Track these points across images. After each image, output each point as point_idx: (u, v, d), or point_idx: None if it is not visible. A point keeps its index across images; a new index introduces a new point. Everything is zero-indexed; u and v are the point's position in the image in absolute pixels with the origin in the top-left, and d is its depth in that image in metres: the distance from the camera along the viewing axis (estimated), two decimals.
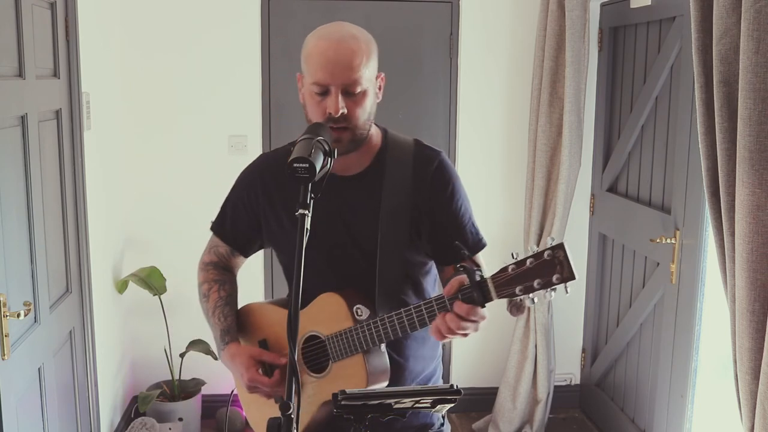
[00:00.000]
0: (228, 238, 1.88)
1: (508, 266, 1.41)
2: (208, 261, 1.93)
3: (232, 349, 1.79)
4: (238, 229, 1.86)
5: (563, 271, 1.35)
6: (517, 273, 1.40)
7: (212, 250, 1.92)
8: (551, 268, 1.36)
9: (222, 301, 1.87)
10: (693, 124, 2.82)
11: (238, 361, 1.75)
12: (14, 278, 2.28)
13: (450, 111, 3.85)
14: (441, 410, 1.51)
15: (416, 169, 1.73)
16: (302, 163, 1.40)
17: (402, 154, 1.75)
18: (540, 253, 1.37)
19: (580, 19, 3.37)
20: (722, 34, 1.94)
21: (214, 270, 1.91)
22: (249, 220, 1.83)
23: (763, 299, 1.87)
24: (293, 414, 1.26)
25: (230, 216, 1.86)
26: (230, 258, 1.91)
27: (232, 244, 1.89)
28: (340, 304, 1.67)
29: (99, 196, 3.24)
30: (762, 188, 1.83)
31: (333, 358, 1.69)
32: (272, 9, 3.69)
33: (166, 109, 3.70)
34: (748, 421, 1.96)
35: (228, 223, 1.87)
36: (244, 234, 1.86)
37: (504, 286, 1.42)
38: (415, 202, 1.72)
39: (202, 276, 1.92)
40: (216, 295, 1.87)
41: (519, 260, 1.40)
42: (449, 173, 1.76)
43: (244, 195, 1.83)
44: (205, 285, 1.90)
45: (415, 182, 1.72)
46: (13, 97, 2.30)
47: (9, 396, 2.18)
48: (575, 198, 3.61)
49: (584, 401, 4.06)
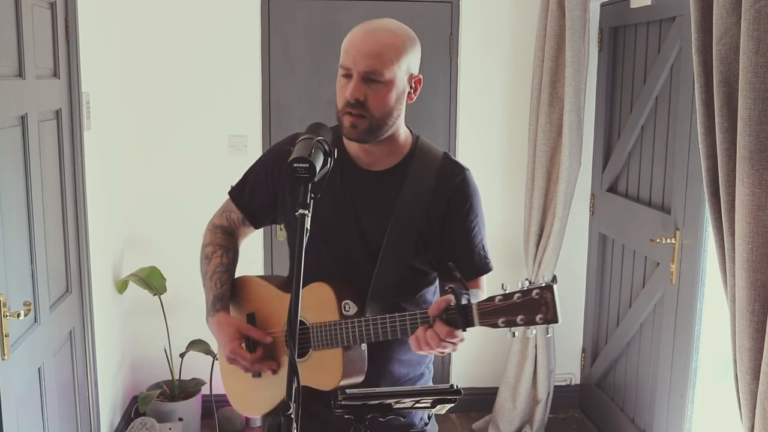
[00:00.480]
0: (243, 206, 1.88)
1: (495, 297, 1.44)
2: (218, 224, 1.92)
3: (220, 318, 1.80)
4: (255, 199, 1.86)
5: (548, 312, 1.40)
6: (503, 305, 1.43)
7: (225, 214, 1.92)
8: (537, 307, 1.40)
9: (222, 267, 1.87)
10: (693, 124, 2.82)
11: (225, 331, 1.77)
12: (14, 278, 2.27)
13: (450, 111, 3.85)
14: (441, 410, 1.52)
15: (438, 181, 1.74)
16: (302, 163, 1.40)
17: (428, 163, 1.76)
18: (528, 291, 1.41)
19: (580, 19, 3.37)
20: (722, 34, 1.94)
21: (222, 234, 1.91)
22: (267, 193, 1.83)
23: (763, 299, 1.87)
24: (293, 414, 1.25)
25: (250, 184, 1.87)
26: (240, 226, 1.91)
27: (246, 212, 1.88)
28: (329, 296, 1.68)
29: (99, 196, 3.24)
30: (762, 188, 1.83)
31: (314, 347, 1.70)
32: (272, 9, 3.69)
33: (166, 109, 3.70)
34: (748, 421, 1.96)
35: (247, 191, 1.87)
36: (260, 205, 1.86)
37: (488, 315, 1.45)
38: (429, 213, 1.72)
39: (209, 237, 1.92)
40: (218, 260, 1.87)
41: (507, 293, 1.43)
42: (470, 191, 1.76)
43: (268, 168, 1.83)
44: (210, 247, 1.90)
45: (434, 193, 1.73)
46: (13, 97, 2.30)
47: (9, 396, 2.18)
48: (575, 198, 3.61)
49: (584, 401, 4.06)
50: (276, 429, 1.26)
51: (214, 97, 3.70)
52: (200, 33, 3.66)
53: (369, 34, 1.64)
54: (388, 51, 1.62)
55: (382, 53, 1.61)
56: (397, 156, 1.75)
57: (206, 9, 3.65)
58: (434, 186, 1.73)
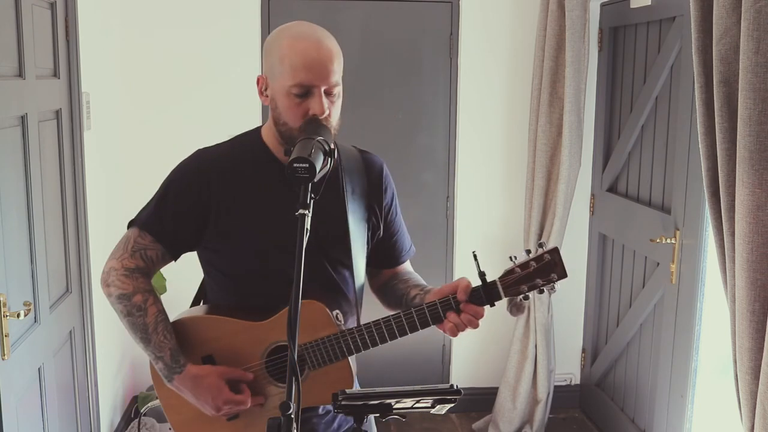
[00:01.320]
0: (165, 237, 1.67)
1: (513, 269, 1.58)
2: (133, 266, 1.67)
3: (192, 371, 1.64)
4: (179, 228, 1.67)
5: (558, 270, 1.58)
6: (523, 275, 1.57)
7: (138, 252, 1.67)
8: (550, 268, 1.57)
9: (162, 315, 1.67)
10: (693, 124, 2.82)
11: (207, 383, 1.63)
12: (14, 278, 2.27)
13: (450, 111, 3.84)
14: (441, 410, 1.51)
15: (368, 174, 1.77)
16: (302, 163, 1.39)
17: (352, 160, 1.76)
18: (540, 257, 1.57)
19: (580, 19, 3.37)
20: (722, 34, 1.94)
21: (142, 278, 1.68)
22: (194, 218, 1.65)
23: (763, 299, 1.87)
24: (293, 414, 1.25)
25: (171, 213, 1.66)
26: (158, 263, 1.70)
27: (169, 244, 1.68)
28: (321, 311, 1.62)
29: (99, 197, 3.23)
30: (762, 188, 1.83)
31: (311, 366, 1.63)
32: (272, 9, 3.68)
33: (166, 109, 3.70)
34: (748, 421, 1.96)
35: (168, 221, 1.66)
36: (184, 233, 1.67)
37: (511, 286, 1.58)
38: (373, 205, 1.76)
39: (130, 284, 1.66)
40: (155, 308, 1.66)
41: (523, 263, 1.58)
42: (390, 178, 1.83)
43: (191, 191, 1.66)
44: (138, 296, 1.65)
45: (370, 186, 1.76)
46: (13, 97, 2.30)
47: (9, 396, 2.18)
48: (575, 198, 3.61)
49: (584, 401, 4.06)
50: (276, 429, 1.26)
51: (214, 96, 3.70)
52: (200, 33, 3.66)
53: (320, 45, 1.56)
54: (337, 59, 1.59)
55: (335, 66, 1.58)
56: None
57: (206, 9, 3.65)
58: (367, 179, 1.76)
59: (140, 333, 1.66)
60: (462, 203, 3.87)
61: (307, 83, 1.55)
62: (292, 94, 1.56)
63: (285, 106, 1.58)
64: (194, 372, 1.65)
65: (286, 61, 1.56)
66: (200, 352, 1.69)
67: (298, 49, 1.55)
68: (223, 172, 1.67)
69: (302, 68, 1.54)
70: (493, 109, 3.84)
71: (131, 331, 1.68)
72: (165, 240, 1.68)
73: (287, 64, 1.55)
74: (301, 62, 1.54)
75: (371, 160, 1.80)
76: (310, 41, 1.57)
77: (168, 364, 1.65)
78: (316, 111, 1.55)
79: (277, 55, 1.58)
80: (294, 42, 1.57)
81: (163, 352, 1.65)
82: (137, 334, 1.67)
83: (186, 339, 1.69)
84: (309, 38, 1.57)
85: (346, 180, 1.71)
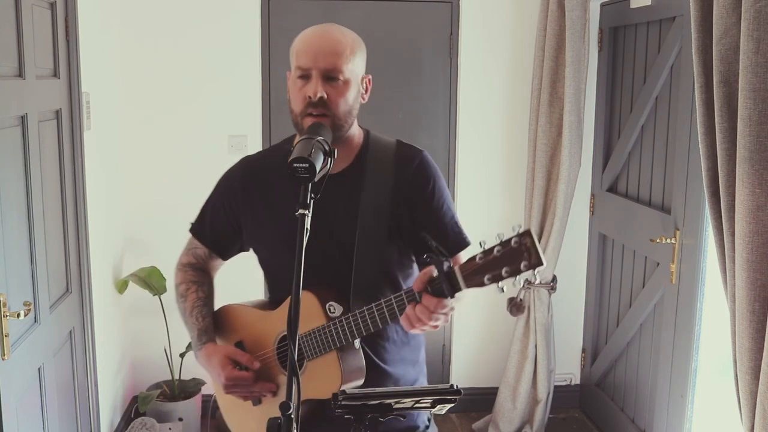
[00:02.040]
0: (206, 240, 1.89)
1: (475, 256, 1.40)
2: (186, 262, 1.93)
3: (209, 349, 1.79)
4: (216, 232, 1.87)
5: (530, 257, 1.34)
6: (485, 262, 1.39)
7: (191, 251, 1.92)
8: (518, 255, 1.35)
9: (200, 302, 1.86)
10: (693, 124, 2.82)
11: (215, 360, 1.75)
12: (14, 278, 2.27)
13: (450, 111, 3.85)
14: (441, 410, 1.51)
15: (398, 168, 1.74)
16: (302, 163, 1.40)
17: (383, 154, 1.76)
18: (507, 241, 1.36)
19: (580, 19, 3.37)
20: (722, 34, 1.94)
21: (192, 271, 1.91)
22: (228, 223, 1.84)
23: (763, 299, 1.87)
24: (293, 414, 1.25)
25: (209, 218, 1.87)
26: (208, 260, 1.92)
27: (211, 246, 1.89)
28: (312, 301, 1.66)
29: (99, 196, 3.24)
30: (762, 188, 1.83)
31: (307, 357, 1.68)
32: (272, 9, 3.69)
33: (166, 109, 3.70)
34: (748, 421, 1.96)
35: (207, 226, 1.88)
36: (222, 236, 1.87)
37: (472, 275, 1.41)
38: (397, 201, 1.72)
39: (179, 277, 1.92)
40: (194, 296, 1.87)
41: (486, 249, 1.39)
42: (431, 170, 1.77)
43: (224, 198, 1.84)
44: (183, 285, 1.89)
45: (397, 181, 1.73)
46: (13, 97, 2.30)
47: (9, 396, 2.18)
48: (575, 198, 3.61)
49: (584, 401, 4.06)
50: (276, 429, 1.26)
51: (214, 96, 3.71)
52: (200, 32, 3.66)
53: (323, 35, 1.65)
54: (344, 49, 1.63)
55: (339, 51, 1.62)
56: (351, 153, 1.75)
57: (206, 9, 3.65)
58: (395, 173, 1.73)
59: (182, 315, 1.89)
60: (462, 203, 3.87)
61: (305, 66, 1.62)
62: (296, 77, 1.64)
63: (292, 92, 1.67)
64: (210, 350, 1.78)
65: (295, 49, 1.66)
66: (234, 337, 1.85)
67: (306, 37, 1.66)
68: (252, 179, 1.80)
69: (303, 53, 1.63)
70: (493, 109, 3.84)
71: (180, 313, 1.90)
72: (206, 243, 1.90)
73: (295, 51, 1.66)
74: (304, 47, 1.64)
75: (406, 154, 1.77)
76: (317, 31, 1.67)
77: (194, 342, 1.83)
78: (309, 92, 1.61)
79: (293, 48, 1.68)
80: (305, 35, 1.67)
81: (193, 331, 1.84)
82: (181, 316, 1.90)
83: (225, 325, 1.88)
84: (319, 29, 1.67)
85: (369, 174, 1.72)
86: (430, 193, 1.75)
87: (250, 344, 1.82)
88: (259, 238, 1.82)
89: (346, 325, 1.62)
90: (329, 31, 1.66)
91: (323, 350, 1.65)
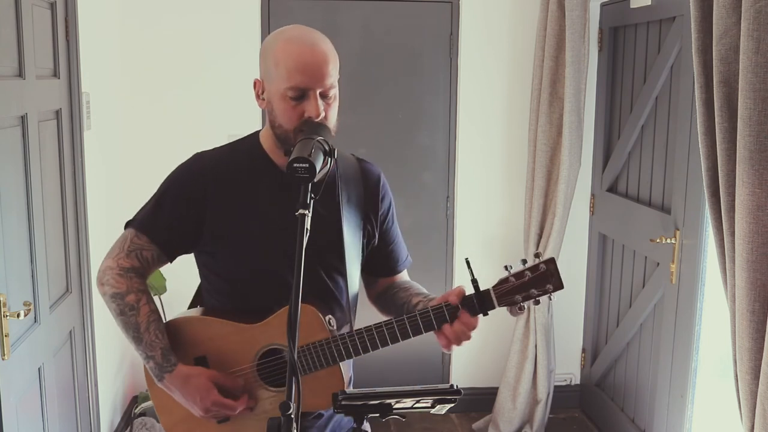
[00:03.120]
0: (160, 239, 1.69)
1: (507, 278, 1.56)
2: (128, 266, 1.69)
3: (183, 371, 1.65)
4: (174, 229, 1.68)
5: (554, 281, 1.56)
6: (518, 284, 1.55)
7: (134, 253, 1.69)
8: (546, 278, 1.56)
9: (155, 315, 1.68)
10: (693, 124, 2.82)
11: (194, 383, 1.64)
12: (14, 278, 2.27)
13: (450, 111, 3.85)
14: (441, 410, 1.51)
15: (365, 182, 1.77)
16: (302, 163, 1.39)
17: (349, 168, 1.76)
18: (536, 266, 1.55)
19: (580, 19, 3.37)
20: (722, 34, 1.94)
21: (137, 278, 1.69)
22: (189, 221, 1.67)
23: (763, 299, 1.87)
24: (293, 414, 1.25)
25: (167, 215, 1.68)
26: (153, 264, 1.71)
27: (163, 245, 1.69)
28: (313, 315, 1.62)
29: (99, 196, 3.23)
30: (762, 188, 1.83)
31: (302, 371, 1.62)
32: (272, 9, 3.69)
33: (166, 108, 3.70)
34: (748, 421, 1.96)
35: (162, 223, 1.68)
36: (178, 235, 1.69)
37: (505, 295, 1.56)
38: (368, 214, 1.77)
39: (123, 284, 1.67)
40: (147, 308, 1.68)
41: (517, 272, 1.56)
42: (388, 188, 1.84)
43: (188, 194, 1.67)
44: (132, 295, 1.67)
45: (366, 195, 1.76)
46: (13, 97, 2.30)
47: (9, 396, 2.18)
48: (575, 198, 3.61)
49: (584, 401, 4.06)
50: (276, 429, 1.26)
51: (213, 96, 3.71)
52: (200, 32, 3.66)
53: (314, 48, 1.56)
54: (333, 63, 1.59)
55: (330, 68, 1.58)
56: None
57: (206, 9, 3.65)
58: (364, 187, 1.76)
59: (132, 332, 1.68)
60: (462, 203, 3.87)
61: (302, 86, 1.56)
62: (288, 96, 1.57)
63: (281, 109, 1.59)
64: (185, 372, 1.66)
65: (281, 64, 1.56)
66: (193, 353, 1.70)
67: (292, 52, 1.56)
68: (220, 177, 1.68)
69: (296, 71, 1.55)
70: (493, 109, 3.84)
71: (124, 329, 1.70)
72: (160, 242, 1.70)
73: (282, 67, 1.56)
74: (296, 65, 1.55)
75: (369, 169, 1.81)
76: (304, 44, 1.57)
77: (159, 363, 1.66)
78: (312, 113, 1.56)
79: (272, 59, 1.59)
80: (288, 45, 1.57)
81: (154, 351, 1.66)
82: (130, 333, 1.69)
83: (179, 339, 1.71)
84: (303, 41, 1.58)
85: (342, 187, 1.72)
86: (392, 213, 1.84)
87: (216, 360, 1.69)
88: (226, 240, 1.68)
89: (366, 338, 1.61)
90: (316, 43, 1.58)
91: (326, 364, 1.62)
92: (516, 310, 1.59)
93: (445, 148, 3.87)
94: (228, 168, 1.70)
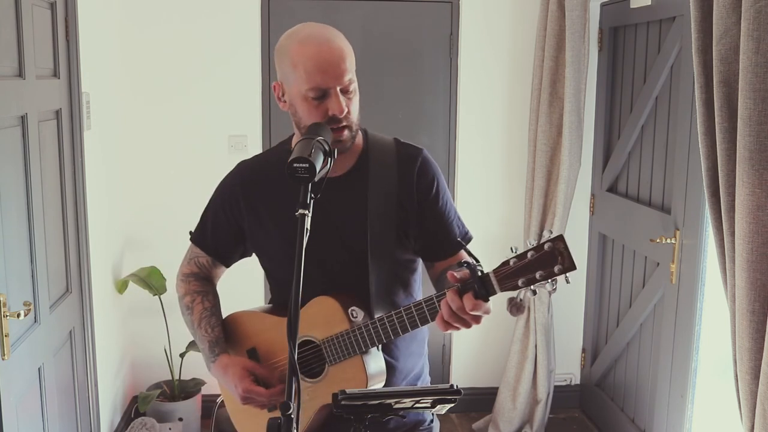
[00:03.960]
0: (209, 248, 1.86)
1: (509, 260, 1.41)
2: (188, 272, 1.89)
3: (224, 360, 1.76)
4: (218, 239, 1.84)
5: (564, 261, 1.35)
6: (519, 266, 1.39)
7: (192, 260, 1.89)
8: (552, 259, 1.36)
9: (207, 312, 1.83)
10: (693, 124, 2.82)
11: (231, 372, 1.73)
12: (14, 278, 2.27)
13: (450, 111, 3.85)
14: (441, 410, 1.51)
15: (400, 168, 1.73)
16: (302, 163, 1.39)
17: (385, 154, 1.74)
18: (540, 246, 1.37)
19: (580, 19, 3.37)
20: (722, 34, 1.94)
21: (196, 281, 1.88)
22: (230, 230, 1.80)
23: (763, 299, 1.87)
24: (293, 414, 1.25)
25: (211, 226, 1.83)
26: (211, 268, 1.89)
27: (213, 254, 1.86)
28: (334, 307, 1.65)
29: (99, 196, 3.24)
30: (762, 188, 1.83)
31: (329, 362, 1.67)
32: (272, 9, 3.69)
33: (166, 109, 3.70)
34: (748, 421, 1.96)
35: (208, 233, 1.84)
36: (225, 244, 1.84)
37: (506, 279, 1.41)
38: (401, 202, 1.71)
39: (183, 288, 1.89)
40: (200, 306, 1.84)
41: (520, 254, 1.40)
42: (433, 170, 1.76)
43: (225, 204, 1.80)
44: (188, 297, 1.87)
45: (400, 181, 1.72)
46: (13, 97, 2.30)
47: (9, 396, 2.18)
48: (575, 198, 3.61)
49: (584, 401, 4.06)
50: (276, 429, 1.26)
51: (214, 96, 3.71)
52: (200, 32, 3.66)
53: (330, 46, 1.57)
54: (349, 57, 1.60)
55: (348, 63, 1.58)
56: (354, 155, 1.73)
57: (206, 9, 3.65)
58: (398, 174, 1.72)
59: (190, 328, 1.87)
60: (462, 203, 3.87)
61: (323, 86, 1.56)
62: (310, 97, 1.58)
63: (304, 109, 1.60)
64: (225, 362, 1.76)
65: (299, 66, 1.57)
66: (246, 344, 1.83)
67: (308, 53, 1.57)
68: (252, 185, 1.77)
69: (315, 72, 1.55)
70: (493, 109, 3.84)
71: (188, 326, 1.88)
72: (208, 251, 1.87)
73: (300, 69, 1.57)
74: (314, 66, 1.56)
75: (407, 153, 1.76)
76: (319, 43, 1.58)
77: (206, 354, 1.80)
78: (336, 111, 1.57)
79: (289, 61, 1.60)
80: (303, 47, 1.58)
81: (203, 344, 1.81)
82: (190, 330, 1.87)
83: (235, 332, 1.86)
84: (318, 40, 1.58)
85: (372, 175, 1.71)
86: (435, 194, 1.75)
87: (264, 351, 1.80)
88: (262, 244, 1.79)
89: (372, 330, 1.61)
90: (331, 39, 1.59)
91: (348, 355, 1.64)
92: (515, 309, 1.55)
93: (445, 148, 3.87)
94: (260, 175, 1.78)
